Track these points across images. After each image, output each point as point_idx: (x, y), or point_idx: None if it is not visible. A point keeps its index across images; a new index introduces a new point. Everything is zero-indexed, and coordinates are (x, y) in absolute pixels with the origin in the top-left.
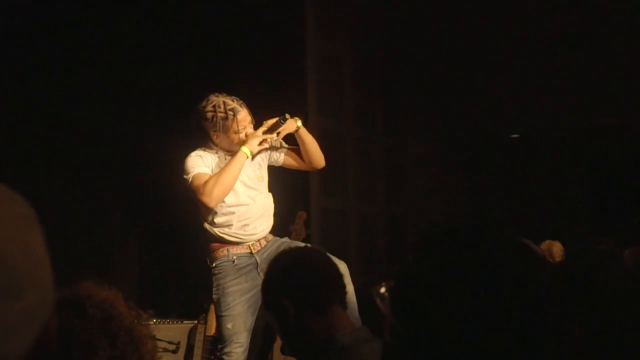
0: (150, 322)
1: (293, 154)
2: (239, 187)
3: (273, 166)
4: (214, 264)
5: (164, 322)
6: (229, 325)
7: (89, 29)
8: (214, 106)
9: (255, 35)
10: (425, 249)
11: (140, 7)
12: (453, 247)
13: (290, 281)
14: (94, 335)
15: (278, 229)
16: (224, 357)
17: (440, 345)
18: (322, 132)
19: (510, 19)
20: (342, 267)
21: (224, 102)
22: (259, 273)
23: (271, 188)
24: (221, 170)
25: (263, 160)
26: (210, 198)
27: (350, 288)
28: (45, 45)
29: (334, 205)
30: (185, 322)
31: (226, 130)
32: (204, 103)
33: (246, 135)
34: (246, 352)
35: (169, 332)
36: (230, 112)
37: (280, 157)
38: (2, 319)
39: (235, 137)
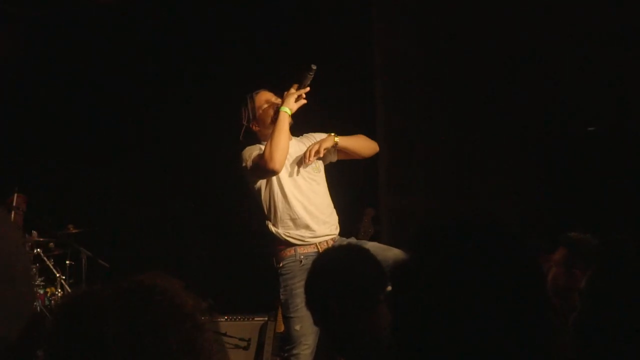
0: (222, 319)
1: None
2: (298, 178)
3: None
4: (280, 264)
5: (234, 319)
6: (297, 327)
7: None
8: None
9: (322, 31)
10: (416, 249)
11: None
12: (441, 246)
13: (334, 281)
14: (162, 322)
15: (345, 227)
16: (292, 358)
17: (435, 344)
18: (390, 129)
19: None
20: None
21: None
22: None
23: (338, 185)
24: (271, 135)
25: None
26: (273, 162)
27: None
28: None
29: (403, 202)
30: (256, 319)
31: (252, 110)
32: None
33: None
34: (313, 354)
35: (239, 328)
36: (250, 96)
37: (334, 155)
38: (5, 303)
39: (264, 112)
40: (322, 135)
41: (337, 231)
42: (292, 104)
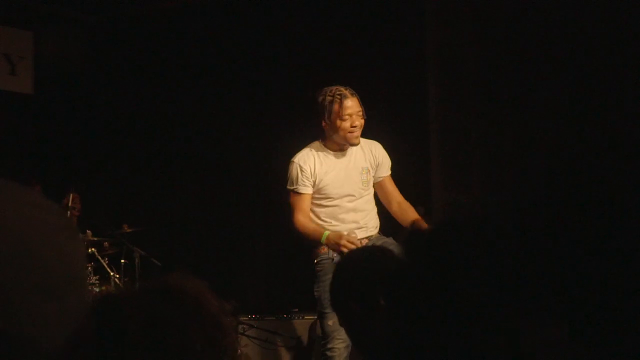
0: (273, 318)
1: (386, 188)
2: (344, 197)
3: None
4: (315, 262)
5: (286, 318)
6: (330, 322)
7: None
8: (325, 91)
9: (375, 24)
10: (410, 250)
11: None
12: (440, 251)
13: (356, 282)
14: (186, 321)
15: (394, 224)
16: (327, 353)
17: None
18: (444, 124)
19: None
20: None
21: (336, 88)
22: None
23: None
24: (308, 228)
25: (372, 167)
26: (296, 228)
27: None
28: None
29: (458, 198)
30: (306, 317)
31: (332, 114)
32: (319, 91)
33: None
34: (349, 348)
35: (291, 327)
36: (338, 96)
37: (378, 179)
38: (47, 318)
39: (340, 124)
40: (384, 154)
41: (376, 231)
42: (332, 242)
